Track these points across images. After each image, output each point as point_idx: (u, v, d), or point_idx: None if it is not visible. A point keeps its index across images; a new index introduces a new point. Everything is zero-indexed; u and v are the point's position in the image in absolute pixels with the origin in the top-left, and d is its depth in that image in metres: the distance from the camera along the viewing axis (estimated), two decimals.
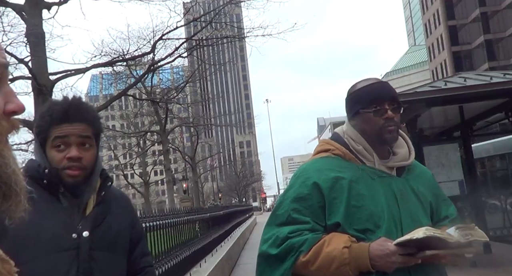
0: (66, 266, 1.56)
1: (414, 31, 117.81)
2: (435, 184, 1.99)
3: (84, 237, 1.60)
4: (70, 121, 1.64)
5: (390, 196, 1.77)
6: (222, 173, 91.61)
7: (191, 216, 7.38)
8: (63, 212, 1.62)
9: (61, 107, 1.66)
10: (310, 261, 1.68)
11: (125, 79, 25.52)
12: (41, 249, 1.53)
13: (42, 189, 1.59)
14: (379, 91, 1.82)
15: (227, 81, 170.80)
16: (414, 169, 1.92)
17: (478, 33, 56.97)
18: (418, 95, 7.96)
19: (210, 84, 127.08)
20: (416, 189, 1.84)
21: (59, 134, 1.64)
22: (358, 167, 1.81)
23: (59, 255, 1.55)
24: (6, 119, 0.73)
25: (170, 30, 17.18)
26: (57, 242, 1.56)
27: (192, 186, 39.05)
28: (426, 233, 1.61)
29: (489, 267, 7.96)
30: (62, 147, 1.64)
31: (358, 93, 1.84)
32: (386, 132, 1.79)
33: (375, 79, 1.89)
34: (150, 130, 32.74)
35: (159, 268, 4.76)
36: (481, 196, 9.41)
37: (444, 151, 8.97)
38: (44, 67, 11.83)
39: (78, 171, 1.64)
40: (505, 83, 7.90)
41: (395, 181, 1.82)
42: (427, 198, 1.86)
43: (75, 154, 1.63)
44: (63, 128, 1.64)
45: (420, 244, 1.63)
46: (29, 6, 11.69)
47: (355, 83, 1.92)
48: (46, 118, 1.65)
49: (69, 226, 1.60)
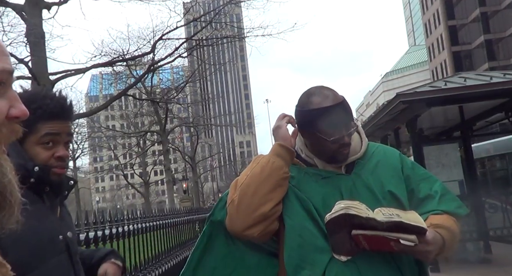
0: (66, 269, 1.51)
1: (414, 31, 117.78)
2: (404, 166, 1.81)
3: (69, 238, 1.54)
4: (64, 118, 1.55)
5: (335, 195, 1.68)
6: (222, 173, 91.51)
7: (191, 216, 7.38)
8: (49, 213, 1.53)
9: (57, 102, 1.55)
10: (237, 180, 1.73)
11: (125, 79, 25.55)
12: (43, 255, 1.45)
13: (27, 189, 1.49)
14: (338, 120, 1.69)
15: (227, 81, 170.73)
16: (370, 160, 1.79)
17: (478, 33, 56.95)
18: (418, 95, 7.96)
19: (210, 84, 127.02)
20: (369, 182, 1.73)
21: (51, 131, 1.52)
22: (302, 170, 1.77)
23: (58, 258, 1.49)
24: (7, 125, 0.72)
25: (170, 30, 17.22)
26: (52, 245, 1.49)
27: (192, 186, 39.02)
28: (336, 209, 1.59)
29: (489, 267, 7.96)
30: (50, 144, 1.52)
31: (314, 115, 1.69)
32: (339, 154, 1.74)
33: (332, 98, 1.71)
34: (150, 130, 32.72)
35: (159, 268, 4.76)
36: (481, 196, 9.41)
37: (444, 151, 8.97)
38: (44, 67, 11.83)
39: (64, 169, 1.56)
40: (505, 83, 7.90)
41: (343, 179, 1.74)
42: (384, 188, 1.72)
43: (65, 153, 1.54)
44: (56, 124, 1.53)
45: (341, 220, 1.58)
46: (29, 6, 11.69)
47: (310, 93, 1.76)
48: (37, 111, 1.48)
49: (55, 228, 1.52)
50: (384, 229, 1.56)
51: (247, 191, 1.65)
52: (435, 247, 1.61)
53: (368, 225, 1.56)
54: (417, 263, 1.73)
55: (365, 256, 1.62)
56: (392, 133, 10.27)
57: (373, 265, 1.63)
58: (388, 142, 10.89)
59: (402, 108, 8.14)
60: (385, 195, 1.72)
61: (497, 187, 12.36)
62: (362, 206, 1.61)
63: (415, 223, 1.57)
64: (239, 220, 1.65)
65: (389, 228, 1.56)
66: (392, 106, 8.25)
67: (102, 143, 42.91)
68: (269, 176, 1.66)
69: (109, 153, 41.98)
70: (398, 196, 1.73)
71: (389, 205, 1.67)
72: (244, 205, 1.64)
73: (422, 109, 7.99)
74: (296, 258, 1.65)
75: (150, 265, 4.49)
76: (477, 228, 8.60)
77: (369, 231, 1.57)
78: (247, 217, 1.64)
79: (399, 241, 1.56)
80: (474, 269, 7.73)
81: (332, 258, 1.62)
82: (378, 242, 1.59)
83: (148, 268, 4.35)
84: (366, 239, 1.59)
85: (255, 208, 1.64)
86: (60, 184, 1.57)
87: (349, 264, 1.61)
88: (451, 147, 9.15)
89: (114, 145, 42.32)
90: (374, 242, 1.60)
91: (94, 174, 61.18)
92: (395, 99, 8.01)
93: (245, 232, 1.66)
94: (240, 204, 1.65)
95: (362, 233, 1.58)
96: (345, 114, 1.72)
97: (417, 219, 1.60)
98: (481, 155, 12.99)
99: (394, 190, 1.74)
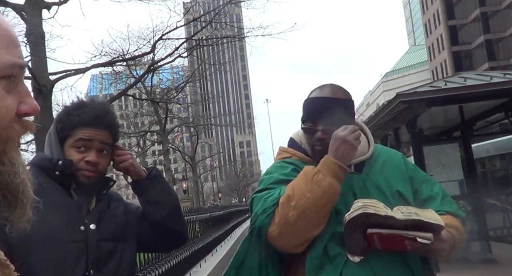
0: (74, 257, 1.58)
1: (414, 31, 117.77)
2: (407, 167, 1.87)
3: (91, 229, 1.64)
4: (98, 127, 1.69)
5: (348, 195, 1.71)
6: (222, 173, 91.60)
7: (191, 216, 7.38)
8: (73, 205, 1.66)
9: (93, 110, 1.69)
10: (289, 196, 1.64)
11: (125, 79, 25.54)
12: (51, 240, 1.55)
13: (53, 181, 1.65)
14: (320, 112, 1.74)
15: (227, 81, 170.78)
16: (377, 160, 1.83)
17: (478, 33, 56.96)
18: (418, 95, 7.95)
19: (210, 84, 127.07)
20: (379, 181, 1.76)
21: (84, 137, 1.68)
22: None
23: (68, 246, 1.58)
24: (19, 121, 0.71)
25: (170, 30, 17.22)
26: (66, 233, 1.59)
27: (192, 186, 39.05)
28: (354, 208, 1.57)
29: (489, 267, 7.96)
30: (82, 149, 1.68)
31: (305, 103, 1.81)
32: (314, 150, 1.78)
33: (328, 92, 1.78)
34: (150, 130, 32.75)
35: (159, 268, 4.76)
36: (481, 196, 9.41)
37: (444, 151, 8.97)
38: (44, 67, 11.83)
39: (93, 173, 1.68)
40: (505, 83, 7.90)
41: (354, 178, 1.75)
42: (393, 188, 1.76)
43: (94, 159, 1.67)
44: (89, 131, 1.68)
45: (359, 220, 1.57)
46: (29, 6, 11.69)
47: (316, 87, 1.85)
48: (75, 117, 1.68)
49: (78, 219, 1.64)
50: (401, 228, 1.55)
51: (305, 215, 1.62)
52: (448, 246, 1.63)
53: (385, 223, 1.55)
54: (423, 263, 1.74)
55: (378, 256, 1.62)
56: (392, 133, 10.27)
57: (386, 266, 1.64)
58: (388, 142, 10.89)
59: (402, 108, 8.14)
60: (393, 194, 1.75)
61: (497, 187, 12.36)
62: (380, 204, 1.60)
63: (434, 221, 1.57)
64: (291, 239, 1.65)
65: (406, 227, 1.55)
66: (392, 106, 8.25)
67: None
68: (329, 202, 1.64)
69: None
70: (405, 196, 1.76)
71: (398, 204, 1.67)
72: (301, 228, 1.63)
73: (422, 109, 7.99)
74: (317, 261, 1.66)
75: (150, 265, 4.49)
76: (477, 228, 8.60)
77: (386, 229, 1.56)
78: (300, 238, 1.65)
79: (415, 239, 1.56)
80: (475, 269, 7.74)
81: (348, 260, 1.63)
82: (392, 241, 1.58)
83: (148, 268, 4.35)
84: (380, 238, 1.58)
85: (310, 231, 1.64)
86: (88, 185, 1.68)
87: (363, 265, 1.62)
88: (451, 147, 9.15)
89: None
90: (387, 240, 1.58)
91: None
92: (395, 99, 8.01)
93: (293, 249, 1.68)
94: (296, 225, 1.62)
95: (378, 232, 1.57)
96: (333, 110, 1.73)
97: (435, 216, 1.61)
98: (481, 155, 12.97)
99: (401, 190, 1.77)
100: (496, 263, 8.20)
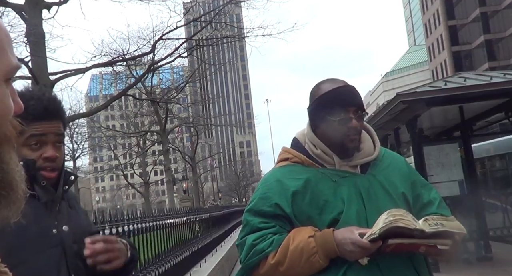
0: (56, 264, 1.49)
1: (414, 31, 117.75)
2: (410, 171, 1.91)
3: (65, 231, 1.53)
4: (49, 118, 1.53)
5: (355, 195, 1.71)
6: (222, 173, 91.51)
7: (191, 216, 7.39)
8: (41, 208, 1.52)
9: (40, 102, 1.52)
10: (280, 261, 1.66)
11: (125, 79, 25.57)
12: (30, 249, 1.44)
13: None
14: (346, 98, 1.75)
15: (227, 81, 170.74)
16: (382, 161, 1.84)
17: (478, 33, 56.95)
18: (418, 95, 7.95)
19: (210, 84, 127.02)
20: (384, 183, 1.77)
21: (36, 132, 1.51)
22: (318, 170, 1.77)
23: (47, 253, 1.48)
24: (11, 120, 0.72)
25: (170, 30, 17.25)
26: (43, 239, 1.48)
27: (192, 186, 39.03)
28: (385, 222, 1.55)
29: (489, 267, 7.96)
30: (37, 145, 1.52)
31: (324, 97, 1.76)
32: (348, 141, 1.75)
33: (341, 82, 1.80)
34: (150, 130, 32.76)
35: (159, 268, 4.76)
36: (481, 196, 9.40)
37: (444, 151, 8.95)
38: (44, 67, 11.85)
39: (54, 172, 1.56)
40: (505, 83, 7.89)
41: (360, 179, 1.76)
42: (398, 189, 1.78)
43: (53, 154, 1.53)
44: (41, 125, 1.52)
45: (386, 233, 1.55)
46: (29, 6, 11.70)
47: (320, 83, 1.84)
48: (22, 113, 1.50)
49: (49, 222, 1.52)
50: (424, 237, 1.58)
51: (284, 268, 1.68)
52: (456, 248, 1.69)
53: (409, 234, 1.56)
54: (426, 262, 1.78)
55: (385, 257, 1.64)
56: (392, 133, 10.26)
57: (393, 267, 1.66)
58: (388, 142, 10.89)
59: (402, 108, 8.13)
60: (399, 196, 1.77)
61: (497, 187, 12.37)
62: (409, 216, 1.60)
63: (458, 230, 1.63)
64: None
65: (429, 236, 1.58)
66: (392, 106, 8.25)
67: (102, 143, 42.98)
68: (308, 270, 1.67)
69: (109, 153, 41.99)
70: (408, 198, 1.80)
71: (403, 206, 1.71)
72: None
73: (422, 109, 7.98)
74: None
75: (150, 265, 4.49)
76: (477, 228, 8.60)
77: (407, 239, 1.57)
78: None
79: (435, 246, 1.60)
80: (474, 269, 7.74)
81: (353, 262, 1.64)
82: (408, 247, 1.61)
83: (148, 268, 4.35)
84: (398, 245, 1.58)
85: None
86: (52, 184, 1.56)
87: (371, 267, 1.63)
88: (451, 147, 9.14)
89: (114, 145, 42.35)
90: (404, 247, 1.60)
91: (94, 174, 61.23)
92: (395, 99, 8.01)
93: None
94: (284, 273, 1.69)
95: (400, 242, 1.57)
96: (354, 97, 1.77)
97: (458, 225, 1.66)
98: (481, 155, 12.98)
99: (406, 192, 1.80)
100: (496, 263, 8.20)
